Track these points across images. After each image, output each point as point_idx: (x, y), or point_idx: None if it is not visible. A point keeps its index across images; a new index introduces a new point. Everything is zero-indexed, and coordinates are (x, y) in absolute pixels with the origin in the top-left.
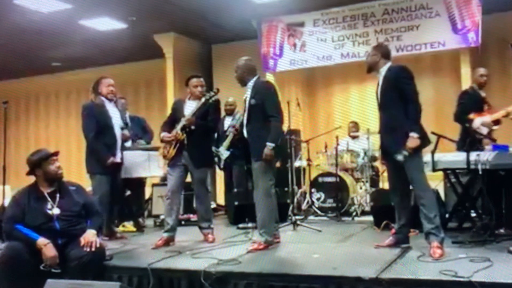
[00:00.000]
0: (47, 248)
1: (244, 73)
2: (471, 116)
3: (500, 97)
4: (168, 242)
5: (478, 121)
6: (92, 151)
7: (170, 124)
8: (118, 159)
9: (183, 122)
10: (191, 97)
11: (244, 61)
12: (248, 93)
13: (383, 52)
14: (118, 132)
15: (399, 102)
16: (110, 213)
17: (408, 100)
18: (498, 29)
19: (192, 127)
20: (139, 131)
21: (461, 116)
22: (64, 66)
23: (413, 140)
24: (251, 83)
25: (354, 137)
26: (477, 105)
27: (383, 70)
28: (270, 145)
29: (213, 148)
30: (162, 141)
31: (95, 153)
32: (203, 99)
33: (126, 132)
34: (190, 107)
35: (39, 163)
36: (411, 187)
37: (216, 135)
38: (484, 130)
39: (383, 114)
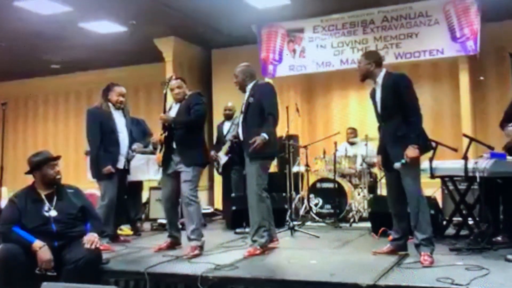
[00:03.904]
0: (42, 251)
1: (244, 78)
2: None
3: (498, 105)
4: (173, 245)
5: (508, 129)
6: (95, 157)
7: None
8: (120, 166)
9: (160, 121)
10: (175, 100)
11: (243, 67)
12: (246, 95)
13: (376, 59)
14: (122, 139)
15: (400, 111)
16: (114, 217)
17: (411, 111)
18: (496, 37)
19: (172, 125)
20: (139, 134)
21: (501, 123)
22: (63, 68)
23: (413, 150)
24: (249, 87)
25: (352, 143)
26: None
27: (380, 78)
28: (264, 135)
29: (212, 152)
30: (153, 147)
31: (97, 159)
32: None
33: (135, 147)
34: (174, 111)
35: (39, 165)
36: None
37: (215, 140)
38: None
39: (386, 123)
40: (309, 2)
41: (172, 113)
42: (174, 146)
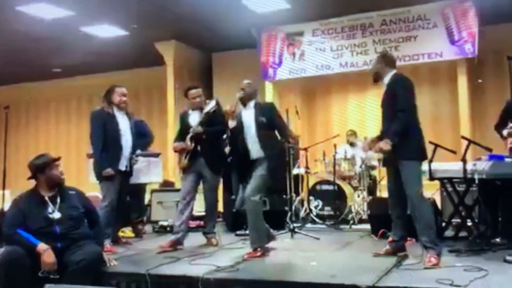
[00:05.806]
0: (46, 254)
1: (252, 92)
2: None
3: (496, 108)
4: (175, 245)
5: (505, 131)
6: (96, 159)
7: (181, 136)
8: (122, 167)
9: (191, 133)
10: (192, 107)
11: (251, 83)
12: (251, 113)
13: (386, 60)
14: (125, 141)
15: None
16: (116, 219)
17: (400, 110)
18: (494, 40)
19: (203, 137)
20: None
21: (496, 126)
22: (65, 72)
23: (385, 144)
24: (251, 104)
25: (352, 144)
26: None
27: (387, 78)
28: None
29: None
30: (174, 151)
31: (98, 161)
32: (204, 111)
33: (139, 151)
34: (194, 118)
35: (42, 167)
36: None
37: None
38: None
39: (385, 122)
40: (309, 6)
41: (193, 120)
42: (203, 152)
